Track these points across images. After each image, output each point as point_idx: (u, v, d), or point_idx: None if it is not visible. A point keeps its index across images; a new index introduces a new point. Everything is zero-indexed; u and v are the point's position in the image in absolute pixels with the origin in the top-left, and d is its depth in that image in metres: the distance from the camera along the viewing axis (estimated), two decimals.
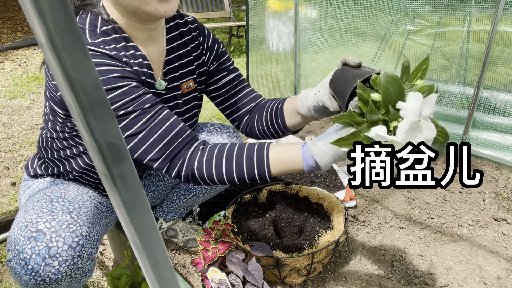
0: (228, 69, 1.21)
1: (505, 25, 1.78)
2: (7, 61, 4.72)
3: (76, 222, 0.92)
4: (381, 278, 1.27)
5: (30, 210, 0.93)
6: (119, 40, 0.95)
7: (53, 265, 0.86)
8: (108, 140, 0.35)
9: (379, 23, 2.26)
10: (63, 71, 0.31)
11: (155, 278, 0.44)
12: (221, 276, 1.09)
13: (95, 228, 0.97)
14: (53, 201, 0.97)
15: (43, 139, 1.16)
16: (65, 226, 0.89)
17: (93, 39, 0.91)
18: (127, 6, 0.90)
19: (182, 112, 1.18)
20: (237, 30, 5.79)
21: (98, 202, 1.13)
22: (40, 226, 0.88)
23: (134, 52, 0.97)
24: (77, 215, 0.94)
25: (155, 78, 1.05)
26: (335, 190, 1.66)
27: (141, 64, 0.99)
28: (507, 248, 1.39)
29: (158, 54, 1.07)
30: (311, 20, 2.60)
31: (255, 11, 2.66)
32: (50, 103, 1.01)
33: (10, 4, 7.96)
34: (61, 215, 0.92)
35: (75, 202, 1.00)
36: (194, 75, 1.17)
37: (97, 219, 1.03)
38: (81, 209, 0.98)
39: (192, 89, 1.17)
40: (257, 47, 2.83)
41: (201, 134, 1.30)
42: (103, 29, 0.93)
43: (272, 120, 1.14)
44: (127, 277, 1.26)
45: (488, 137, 2.02)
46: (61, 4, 0.29)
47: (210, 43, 1.18)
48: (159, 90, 1.08)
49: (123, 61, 0.93)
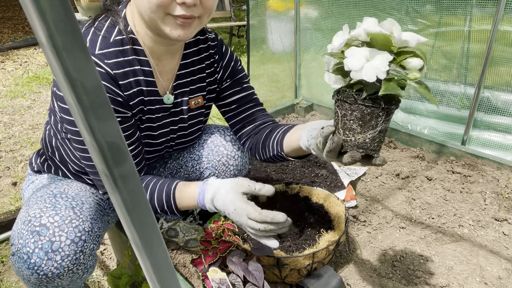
0: (241, 86, 1.21)
1: (506, 25, 1.78)
2: (8, 61, 4.72)
3: (79, 217, 0.92)
4: (382, 278, 1.27)
5: (33, 205, 0.94)
6: (129, 52, 0.97)
7: (56, 259, 0.86)
8: (109, 140, 0.35)
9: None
10: (64, 71, 0.31)
11: (156, 278, 0.44)
12: (221, 276, 1.09)
13: (97, 224, 0.98)
14: (57, 196, 0.98)
15: (46, 134, 1.17)
16: (68, 221, 0.90)
17: (102, 48, 0.93)
18: (145, 19, 0.92)
19: (186, 127, 1.20)
20: (238, 29, 5.79)
21: (100, 199, 1.14)
22: (43, 221, 0.89)
23: (140, 68, 0.99)
24: (80, 210, 0.95)
25: (160, 93, 1.07)
26: (335, 190, 1.66)
27: (144, 81, 1.01)
28: (508, 248, 1.39)
29: (171, 67, 1.09)
30: (311, 19, 2.60)
31: (255, 11, 2.66)
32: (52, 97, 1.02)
33: (11, 3, 7.97)
34: (64, 210, 0.92)
35: (78, 198, 1.01)
36: (204, 92, 1.18)
37: (99, 216, 1.03)
38: (84, 205, 0.98)
39: (200, 105, 1.18)
40: (258, 47, 2.83)
41: (206, 135, 1.31)
42: (117, 39, 0.95)
43: (274, 155, 1.13)
44: (128, 277, 1.26)
45: (489, 137, 2.02)
46: (62, 4, 0.29)
47: (226, 61, 1.19)
48: (167, 104, 1.10)
49: (119, 84, 0.95)
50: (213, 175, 1.29)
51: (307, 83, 2.85)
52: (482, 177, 1.80)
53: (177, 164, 1.34)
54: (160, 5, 0.87)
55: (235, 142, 1.30)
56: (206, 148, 1.28)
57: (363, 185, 1.81)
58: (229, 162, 1.28)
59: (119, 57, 0.95)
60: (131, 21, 0.98)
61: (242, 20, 5.80)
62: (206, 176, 1.30)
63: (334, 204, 1.40)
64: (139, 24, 0.97)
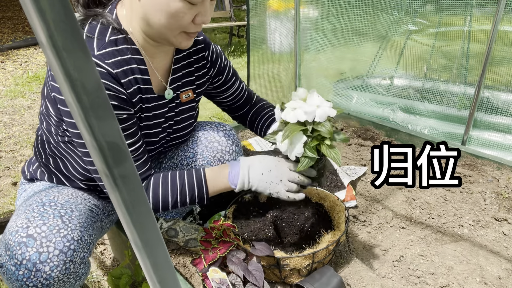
0: (231, 80, 1.32)
1: (506, 25, 1.78)
2: (8, 60, 4.72)
3: (67, 226, 0.91)
4: (382, 278, 1.27)
5: (21, 215, 0.93)
6: (125, 51, 0.97)
7: (44, 270, 0.85)
8: (109, 140, 0.35)
9: (380, 22, 2.26)
10: (64, 71, 0.31)
11: (156, 278, 0.44)
12: (221, 276, 1.09)
13: (87, 231, 0.96)
14: (45, 205, 0.96)
15: (38, 141, 1.15)
16: (56, 230, 0.88)
17: (99, 49, 0.93)
18: (155, 30, 0.94)
19: (179, 121, 1.20)
20: (238, 29, 5.79)
21: (93, 205, 1.12)
22: (30, 231, 0.87)
23: (137, 66, 0.99)
24: (69, 219, 0.93)
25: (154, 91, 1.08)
26: (335, 190, 1.66)
27: (141, 79, 1.01)
28: (508, 248, 1.39)
29: (165, 63, 1.10)
30: (312, 19, 2.60)
31: (255, 10, 2.66)
32: (46, 102, 1.01)
33: (11, 3, 7.97)
34: (52, 219, 0.91)
35: (67, 205, 0.99)
36: (194, 85, 1.20)
37: (91, 222, 1.02)
38: (73, 212, 0.96)
39: (190, 99, 1.20)
40: (258, 47, 2.83)
41: (199, 132, 1.31)
42: (112, 39, 0.95)
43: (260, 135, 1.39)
44: (128, 277, 1.26)
45: (489, 137, 2.02)
46: (62, 4, 0.29)
47: (212, 55, 1.23)
48: (164, 100, 1.11)
49: (121, 82, 0.95)
50: None
51: (307, 83, 2.85)
52: (482, 177, 1.80)
53: (172, 164, 1.33)
54: (179, 26, 0.91)
55: (229, 137, 1.30)
56: (200, 145, 1.28)
57: (363, 185, 1.81)
58: (224, 157, 1.28)
59: (116, 56, 0.95)
60: (123, 21, 0.98)
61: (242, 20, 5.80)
62: None
63: (334, 204, 1.40)
64: (137, 28, 0.97)
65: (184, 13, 0.89)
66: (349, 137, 2.28)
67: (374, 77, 2.50)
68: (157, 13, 0.89)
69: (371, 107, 2.50)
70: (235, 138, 1.32)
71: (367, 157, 2.03)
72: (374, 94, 2.49)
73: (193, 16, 0.91)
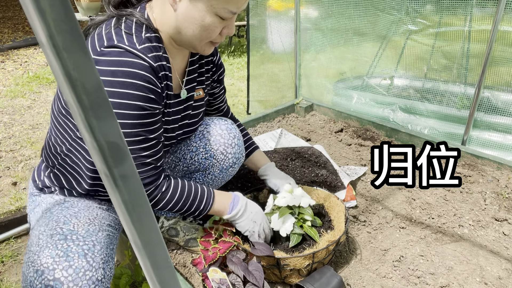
0: (222, 90, 1.42)
1: (506, 25, 1.78)
2: (8, 60, 4.72)
3: (91, 267, 0.92)
4: (382, 278, 1.27)
5: (44, 250, 0.93)
6: (158, 49, 1.03)
7: None
8: (109, 140, 0.35)
9: (380, 22, 2.26)
10: (64, 71, 0.31)
11: (156, 278, 0.44)
12: (221, 276, 1.09)
13: (108, 265, 0.98)
14: (67, 238, 0.96)
15: (51, 145, 1.13)
16: (82, 273, 0.90)
17: (140, 44, 0.97)
18: (185, 39, 1.03)
19: (191, 118, 1.27)
20: (238, 29, 5.79)
21: (109, 225, 1.11)
22: (57, 275, 0.88)
23: (165, 63, 1.06)
24: (92, 257, 0.94)
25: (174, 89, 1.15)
26: (335, 190, 1.66)
27: (168, 76, 1.08)
28: (508, 248, 1.39)
29: (183, 64, 1.18)
30: (312, 19, 2.60)
31: (255, 10, 2.66)
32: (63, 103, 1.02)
33: (11, 3, 7.97)
34: (77, 260, 0.92)
35: (89, 238, 0.99)
36: (203, 85, 1.28)
37: (110, 252, 1.02)
38: (95, 247, 0.97)
39: (201, 97, 1.28)
40: (258, 47, 2.83)
41: (201, 126, 1.35)
42: (147, 36, 1.01)
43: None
44: (128, 277, 1.26)
45: (489, 137, 2.02)
46: (62, 4, 0.29)
47: (218, 60, 1.33)
48: (181, 99, 1.18)
49: (159, 76, 1.01)
50: (212, 165, 1.30)
51: (307, 83, 2.85)
52: (482, 177, 1.80)
53: (175, 158, 1.36)
54: (208, 37, 1.01)
55: (231, 130, 1.31)
56: (203, 139, 1.31)
57: (363, 185, 1.81)
58: (227, 150, 1.30)
59: (153, 52, 1.00)
60: (154, 22, 1.05)
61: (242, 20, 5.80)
62: (205, 166, 1.30)
63: (334, 204, 1.40)
64: (165, 31, 1.04)
65: (215, 27, 0.99)
66: (349, 137, 2.28)
67: (374, 77, 2.50)
68: (191, 26, 0.99)
69: (371, 107, 2.50)
70: (237, 132, 1.33)
71: (367, 157, 2.03)
72: (374, 94, 2.49)
73: (221, 29, 1.02)
